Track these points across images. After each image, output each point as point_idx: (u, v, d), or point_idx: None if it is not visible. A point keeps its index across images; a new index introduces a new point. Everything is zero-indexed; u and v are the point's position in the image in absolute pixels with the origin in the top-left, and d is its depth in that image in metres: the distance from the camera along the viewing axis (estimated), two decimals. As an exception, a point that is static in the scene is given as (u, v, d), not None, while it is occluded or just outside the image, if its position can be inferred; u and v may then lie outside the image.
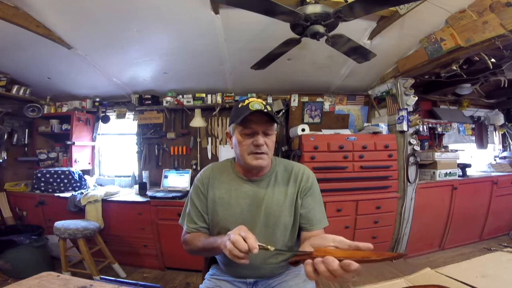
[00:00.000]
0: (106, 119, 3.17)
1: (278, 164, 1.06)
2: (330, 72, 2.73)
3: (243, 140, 0.94)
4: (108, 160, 3.45)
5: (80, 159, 3.03)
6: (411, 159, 2.56)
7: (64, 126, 3.01)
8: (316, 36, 1.42)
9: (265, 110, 0.89)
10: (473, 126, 3.46)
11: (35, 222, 2.66)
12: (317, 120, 3.08)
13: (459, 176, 2.78)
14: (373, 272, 2.41)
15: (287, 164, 1.07)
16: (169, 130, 3.16)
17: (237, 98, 3.00)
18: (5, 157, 2.84)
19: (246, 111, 0.89)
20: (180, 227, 1.07)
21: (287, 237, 1.00)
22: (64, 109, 3.15)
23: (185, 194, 2.56)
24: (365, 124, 2.82)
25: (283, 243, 0.99)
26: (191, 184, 2.72)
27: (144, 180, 2.89)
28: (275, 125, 0.96)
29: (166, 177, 2.86)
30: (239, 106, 0.94)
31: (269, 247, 0.67)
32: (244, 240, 0.68)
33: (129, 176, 3.16)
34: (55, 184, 2.69)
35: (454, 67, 2.23)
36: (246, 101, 0.93)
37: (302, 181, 1.02)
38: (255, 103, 0.91)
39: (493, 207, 2.87)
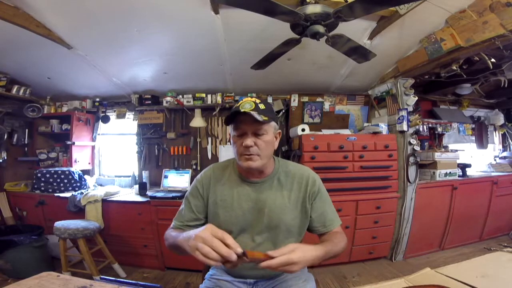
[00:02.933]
0: (106, 119, 3.18)
1: (281, 166, 1.04)
2: (330, 72, 2.73)
3: (235, 141, 0.94)
4: (108, 160, 3.45)
5: (80, 159, 3.03)
6: (411, 159, 2.56)
7: (64, 126, 3.01)
8: (316, 36, 1.42)
9: (247, 111, 0.85)
10: (473, 126, 3.46)
11: (35, 222, 2.66)
12: (317, 120, 3.08)
13: (459, 176, 2.78)
14: (373, 272, 2.41)
15: (290, 166, 1.05)
16: (169, 130, 3.16)
17: (237, 98, 3.00)
18: (5, 157, 2.84)
19: (235, 111, 0.89)
20: None
21: (289, 240, 0.99)
22: (64, 109, 3.16)
23: (185, 194, 2.55)
24: (365, 124, 2.82)
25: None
26: (191, 184, 2.75)
27: (144, 180, 2.88)
28: (270, 124, 0.93)
29: (166, 177, 2.87)
30: (234, 106, 0.94)
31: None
32: (222, 241, 0.65)
33: (129, 176, 3.16)
34: (55, 184, 2.69)
35: (454, 67, 2.23)
36: (240, 102, 0.92)
37: (309, 185, 1.00)
38: (246, 103, 0.90)
39: (493, 207, 2.87)
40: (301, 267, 0.70)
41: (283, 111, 3.08)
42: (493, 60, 2.13)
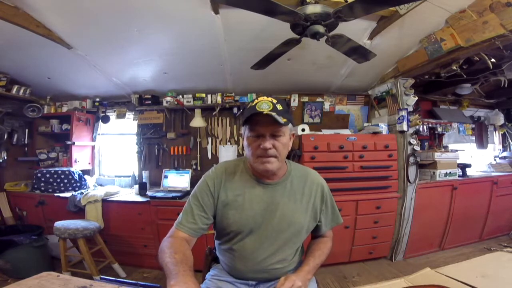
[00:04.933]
0: (106, 119, 3.18)
1: (293, 169, 1.03)
2: (330, 72, 2.73)
3: (251, 142, 0.91)
4: (108, 160, 3.45)
5: (80, 159, 3.03)
6: (411, 159, 2.56)
7: (64, 126, 3.01)
8: (316, 36, 1.42)
9: (269, 112, 0.84)
10: (473, 126, 3.46)
11: (35, 222, 2.66)
12: (317, 120, 3.08)
13: (459, 176, 2.78)
14: (373, 272, 2.41)
15: (302, 170, 1.06)
16: (169, 130, 3.16)
17: (237, 98, 3.00)
18: (5, 157, 2.84)
19: (253, 111, 0.86)
20: None
21: (298, 244, 1.02)
22: (64, 109, 3.16)
23: (185, 194, 2.56)
24: (365, 124, 2.82)
25: (294, 250, 1.01)
26: (191, 184, 2.76)
27: (144, 180, 2.89)
28: (288, 125, 0.91)
29: (166, 177, 2.86)
30: (248, 106, 0.91)
31: None
32: None
33: (129, 176, 3.16)
34: (55, 184, 2.69)
35: (454, 67, 2.23)
36: (256, 101, 0.90)
37: (318, 192, 1.03)
38: (263, 103, 0.87)
39: (493, 207, 2.87)
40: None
41: (283, 111, 3.07)
42: (493, 60, 2.13)
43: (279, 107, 0.88)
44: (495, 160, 3.54)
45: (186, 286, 0.66)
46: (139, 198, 2.53)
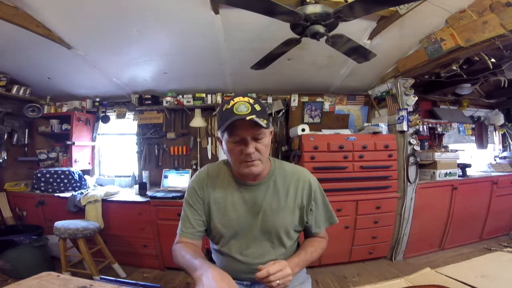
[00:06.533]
0: (106, 119, 3.18)
1: (277, 167, 0.99)
2: (330, 72, 2.73)
3: (232, 148, 0.86)
4: (108, 160, 3.45)
5: (80, 159, 3.03)
6: (411, 159, 2.56)
7: (64, 126, 3.01)
8: (316, 36, 1.42)
9: (248, 117, 0.78)
10: (473, 126, 3.46)
11: (35, 222, 2.66)
12: (317, 120, 3.08)
13: (459, 176, 2.78)
14: (373, 272, 2.41)
15: (287, 168, 1.01)
16: (169, 130, 3.16)
17: (237, 98, 3.00)
18: (5, 157, 2.84)
19: (231, 115, 0.80)
20: None
21: (288, 243, 0.98)
22: (64, 109, 3.16)
23: (185, 194, 2.55)
24: (365, 124, 2.82)
25: (285, 250, 0.98)
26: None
27: (144, 180, 2.89)
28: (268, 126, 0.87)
29: (166, 177, 2.87)
30: (224, 109, 0.84)
31: None
32: None
33: (129, 176, 3.16)
34: (55, 184, 2.69)
35: (454, 67, 2.23)
36: (231, 103, 0.83)
37: (305, 189, 0.98)
38: (241, 105, 0.81)
39: (493, 207, 2.87)
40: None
41: (283, 111, 3.08)
42: (493, 60, 2.13)
43: (257, 107, 0.83)
44: (495, 160, 3.54)
45: (208, 272, 0.71)
46: (139, 198, 2.53)
